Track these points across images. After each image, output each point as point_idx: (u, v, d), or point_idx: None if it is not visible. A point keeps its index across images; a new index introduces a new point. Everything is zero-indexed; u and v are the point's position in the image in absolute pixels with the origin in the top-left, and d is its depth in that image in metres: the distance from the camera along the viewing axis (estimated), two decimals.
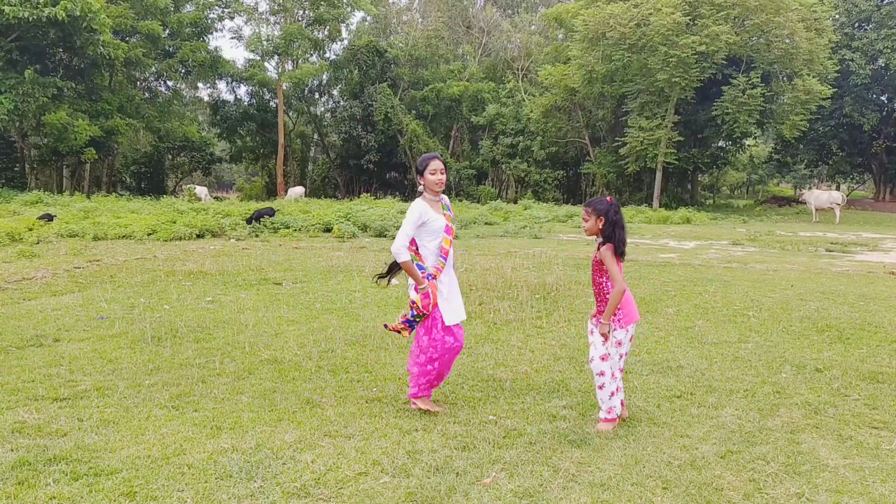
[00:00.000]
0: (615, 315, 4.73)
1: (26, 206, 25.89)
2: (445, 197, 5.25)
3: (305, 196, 37.94)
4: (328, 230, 19.79)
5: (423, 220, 4.99)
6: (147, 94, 47.88)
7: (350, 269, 12.20)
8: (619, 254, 4.73)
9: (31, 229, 17.14)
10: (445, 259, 5.03)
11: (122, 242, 16.36)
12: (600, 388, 4.75)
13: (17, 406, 4.94)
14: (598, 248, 4.76)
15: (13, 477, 3.80)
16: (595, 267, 4.87)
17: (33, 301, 8.96)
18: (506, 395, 5.46)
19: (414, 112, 46.97)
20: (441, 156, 5.25)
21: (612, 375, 4.73)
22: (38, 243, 15.37)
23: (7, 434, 4.40)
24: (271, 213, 20.77)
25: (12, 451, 4.14)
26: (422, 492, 3.75)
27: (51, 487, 3.69)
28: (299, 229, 19.60)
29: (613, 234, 4.73)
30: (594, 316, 4.89)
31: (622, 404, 4.83)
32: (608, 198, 4.83)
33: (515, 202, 38.34)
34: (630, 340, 4.86)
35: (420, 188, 5.15)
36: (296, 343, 6.94)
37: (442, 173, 5.04)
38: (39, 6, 30.54)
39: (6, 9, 29.93)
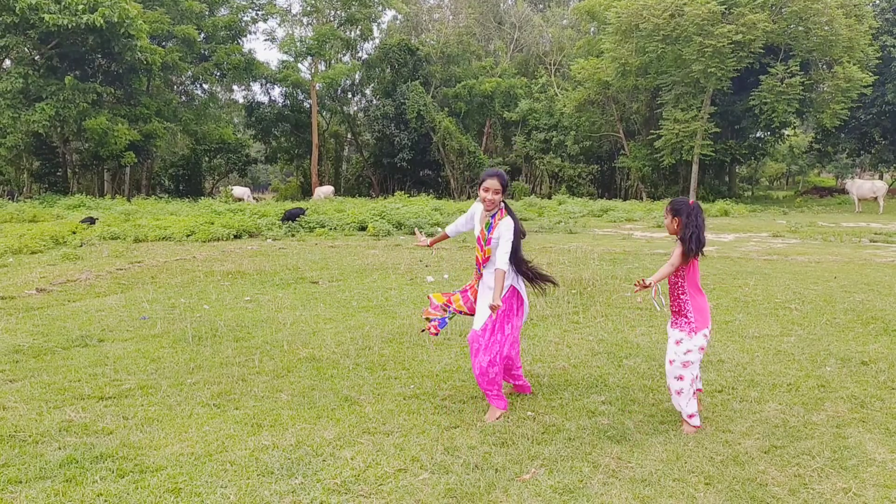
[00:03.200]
0: (689, 321, 4.63)
1: (69, 210, 26.46)
2: (505, 222, 4.94)
3: (336, 195, 38.11)
4: (363, 228, 19.88)
5: (472, 217, 5.20)
6: (184, 98, 48.62)
7: (385, 267, 12.25)
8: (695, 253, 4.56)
9: (74, 232, 17.52)
10: (477, 267, 5.12)
11: (162, 244, 16.64)
12: (678, 393, 4.66)
13: (64, 405, 5.06)
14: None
15: (61, 474, 3.89)
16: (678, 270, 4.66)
17: (78, 302, 9.16)
18: (544, 391, 5.44)
19: (446, 109, 46.97)
20: (503, 175, 5.00)
21: (691, 382, 4.63)
22: (81, 246, 15.70)
23: (55, 432, 4.51)
24: (302, 212, 20.92)
25: (60, 449, 4.24)
26: (461, 488, 3.76)
27: (98, 484, 3.77)
28: (334, 228, 19.72)
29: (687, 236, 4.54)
30: (673, 324, 4.78)
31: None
32: (690, 200, 4.69)
33: (549, 197, 38.15)
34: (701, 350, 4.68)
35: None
36: (333, 341, 6.99)
37: (495, 193, 4.91)
38: (78, 13, 31.16)
39: (46, 17, 30.60)
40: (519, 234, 5.01)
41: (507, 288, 4.96)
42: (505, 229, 4.89)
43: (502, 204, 5.01)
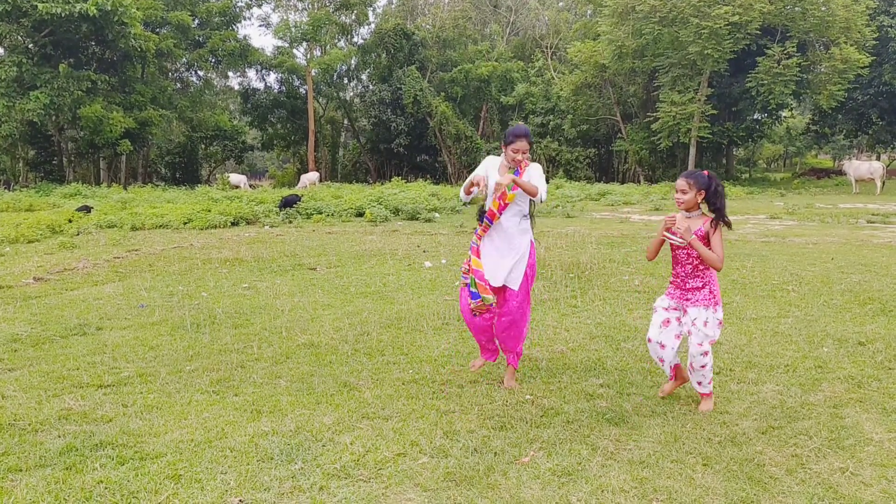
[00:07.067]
0: (713, 294, 4.64)
1: (65, 199, 26.40)
2: (533, 165, 5.05)
3: (333, 182, 37.77)
4: (360, 214, 19.85)
5: (486, 174, 5.03)
6: (179, 85, 48.42)
7: (383, 253, 12.24)
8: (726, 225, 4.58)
9: (70, 221, 17.48)
10: (490, 221, 5.00)
11: (159, 232, 16.61)
12: (702, 367, 4.61)
13: (63, 393, 5.06)
14: (709, 224, 4.53)
15: (61, 462, 3.89)
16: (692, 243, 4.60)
17: (75, 291, 9.15)
18: (542, 375, 5.45)
19: (443, 94, 46.79)
20: (529, 133, 5.07)
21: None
22: (77, 235, 15.68)
23: (54, 421, 4.51)
24: (299, 199, 20.88)
25: (60, 437, 4.24)
26: (460, 471, 3.77)
27: (98, 472, 3.78)
28: (332, 214, 19.69)
29: (722, 208, 4.53)
30: (692, 302, 4.69)
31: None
32: (706, 171, 4.62)
33: (547, 181, 38.05)
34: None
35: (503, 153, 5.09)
36: (331, 327, 7.00)
37: (524, 153, 4.96)
38: (71, 2, 30.93)
39: (39, 6, 30.39)
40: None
41: (529, 243, 5.09)
42: (534, 170, 4.96)
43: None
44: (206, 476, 3.73)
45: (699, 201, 4.58)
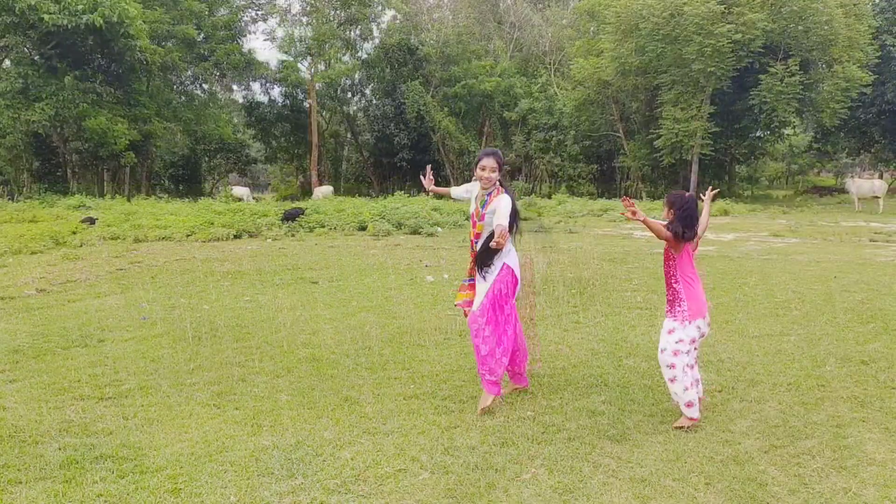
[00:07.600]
0: (682, 310, 4.66)
1: (69, 210, 26.42)
2: (503, 197, 5.00)
3: (336, 195, 37.93)
4: (363, 228, 19.87)
5: (468, 196, 5.35)
6: (183, 98, 48.61)
7: (385, 267, 12.24)
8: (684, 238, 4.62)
9: (74, 232, 17.50)
10: (471, 246, 5.22)
11: (162, 244, 16.62)
12: (671, 381, 4.67)
13: (64, 405, 5.06)
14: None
15: (61, 475, 3.89)
16: (665, 256, 4.82)
17: (78, 302, 9.15)
18: (543, 391, 5.44)
19: (446, 109, 46.91)
20: (498, 153, 5.27)
21: (683, 370, 4.64)
22: (81, 246, 15.69)
23: (55, 433, 4.51)
24: (301, 212, 20.92)
25: (60, 449, 4.23)
26: (461, 488, 3.76)
27: (98, 485, 3.77)
28: (334, 228, 19.71)
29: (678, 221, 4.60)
30: (668, 312, 4.80)
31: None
32: (686, 193, 4.80)
33: (549, 197, 38.10)
34: (701, 337, 4.75)
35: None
36: (333, 341, 6.99)
37: (492, 171, 5.08)
38: (77, 14, 31.13)
39: (45, 17, 30.58)
40: (515, 211, 5.08)
41: (500, 266, 5.03)
42: (499, 202, 4.98)
43: (498, 184, 5.12)
44: (206, 490, 3.72)
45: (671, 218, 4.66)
